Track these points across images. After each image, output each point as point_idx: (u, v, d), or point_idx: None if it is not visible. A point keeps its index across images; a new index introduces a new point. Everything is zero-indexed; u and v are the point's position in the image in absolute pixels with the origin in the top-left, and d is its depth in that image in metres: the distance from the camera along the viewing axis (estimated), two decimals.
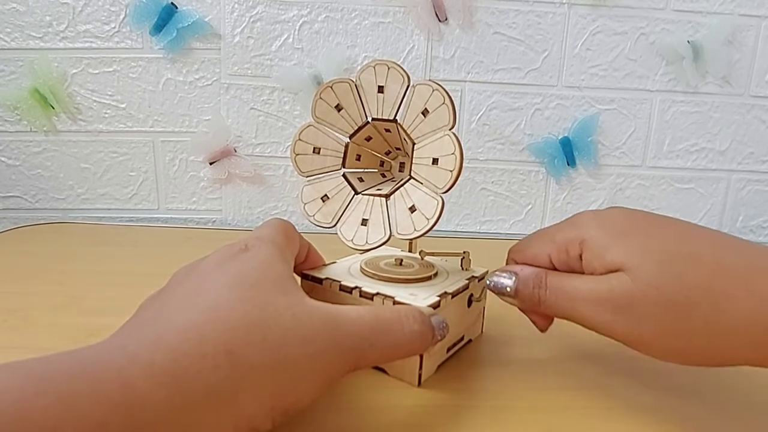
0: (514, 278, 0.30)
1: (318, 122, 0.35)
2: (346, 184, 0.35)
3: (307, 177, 0.35)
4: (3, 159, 0.69)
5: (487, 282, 0.31)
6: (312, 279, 0.33)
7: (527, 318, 0.32)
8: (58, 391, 0.15)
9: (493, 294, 0.32)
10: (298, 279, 0.33)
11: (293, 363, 0.21)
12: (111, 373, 0.17)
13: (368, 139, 0.35)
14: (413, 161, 0.31)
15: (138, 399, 0.16)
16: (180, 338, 0.19)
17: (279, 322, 0.21)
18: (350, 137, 0.35)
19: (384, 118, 0.33)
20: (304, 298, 0.24)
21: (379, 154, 0.36)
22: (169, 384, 0.17)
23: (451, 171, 0.29)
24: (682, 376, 0.32)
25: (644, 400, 0.30)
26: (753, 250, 0.25)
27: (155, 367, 0.18)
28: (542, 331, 0.32)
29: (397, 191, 0.32)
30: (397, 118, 0.32)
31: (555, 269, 0.30)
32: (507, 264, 0.33)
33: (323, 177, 0.35)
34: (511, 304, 0.31)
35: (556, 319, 0.31)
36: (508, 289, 0.30)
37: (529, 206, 0.75)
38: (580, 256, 0.27)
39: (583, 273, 0.28)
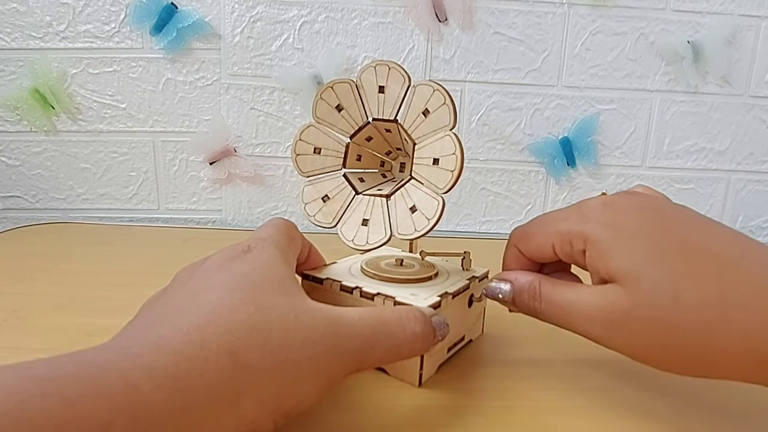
0: (509, 287, 0.30)
1: (319, 122, 0.35)
2: (347, 184, 0.35)
3: (308, 177, 0.35)
4: (3, 159, 0.69)
5: (483, 290, 0.31)
6: (313, 279, 0.33)
7: (528, 318, 0.32)
8: (62, 393, 0.15)
9: None
10: (299, 279, 0.33)
11: (295, 365, 0.21)
12: (114, 375, 0.17)
13: (369, 139, 0.35)
14: (414, 161, 0.31)
15: (141, 401, 0.16)
16: (182, 340, 0.19)
17: (281, 324, 0.21)
18: (351, 137, 0.35)
19: (385, 118, 0.33)
20: (306, 299, 0.24)
21: (380, 154, 0.36)
22: (172, 386, 0.17)
23: (451, 171, 0.29)
24: (682, 377, 0.32)
25: (644, 401, 0.30)
26: (758, 265, 0.24)
27: (158, 369, 0.18)
28: (511, 311, 0.32)
29: (398, 191, 0.32)
30: (397, 118, 0.32)
31: (558, 259, 0.29)
32: (508, 250, 0.32)
33: (324, 177, 0.35)
34: (506, 306, 0.31)
35: None
36: (505, 297, 0.30)
37: (529, 206, 0.75)
38: (584, 252, 0.27)
39: (585, 266, 0.28)
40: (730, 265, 0.24)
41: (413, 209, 0.30)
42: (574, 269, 0.31)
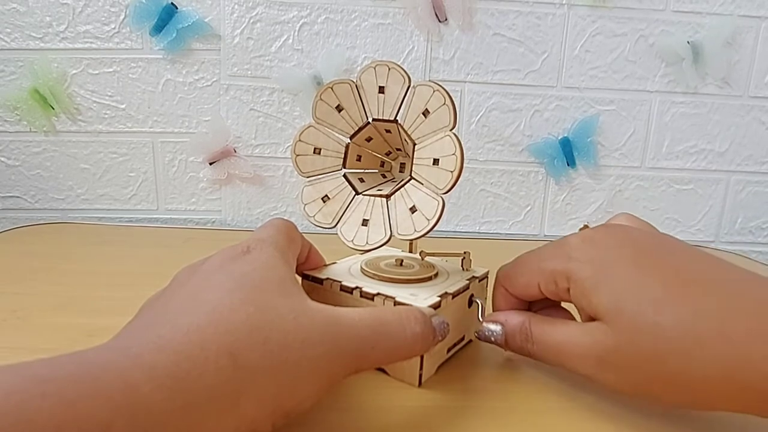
0: (501, 328, 0.31)
1: (318, 123, 0.35)
2: (347, 184, 0.35)
3: (308, 178, 0.35)
4: (3, 159, 0.69)
5: (476, 333, 0.32)
6: (312, 279, 0.33)
7: None
8: (62, 393, 0.15)
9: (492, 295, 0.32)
10: (299, 279, 0.33)
11: (295, 366, 0.21)
12: (114, 376, 0.17)
13: (369, 139, 0.35)
14: (414, 162, 0.31)
15: (141, 401, 0.17)
16: (182, 340, 0.19)
17: (281, 325, 0.21)
18: (351, 138, 0.35)
19: (384, 118, 0.33)
20: (306, 300, 0.24)
21: (380, 154, 0.36)
22: (172, 386, 0.17)
23: (451, 172, 0.29)
24: None
25: (646, 402, 0.30)
26: (734, 288, 0.24)
27: (158, 369, 0.18)
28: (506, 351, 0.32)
29: (398, 192, 0.32)
30: (397, 118, 0.32)
31: (544, 297, 0.30)
32: (495, 290, 0.33)
33: (324, 177, 0.35)
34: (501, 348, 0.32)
35: None
36: (497, 340, 0.31)
37: (529, 207, 0.75)
38: (568, 290, 0.28)
39: (571, 302, 0.28)
40: (705, 288, 0.24)
41: (413, 209, 0.30)
42: (565, 305, 0.32)
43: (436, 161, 0.30)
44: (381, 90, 0.33)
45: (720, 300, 0.23)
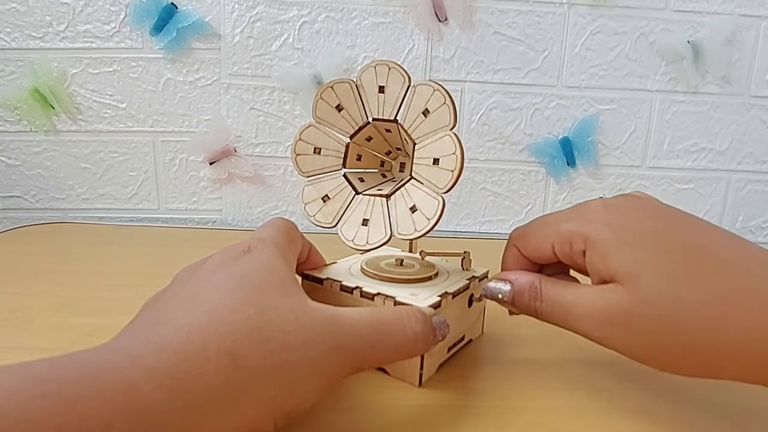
0: (509, 287, 0.30)
1: (319, 122, 0.35)
2: (347, 184, 0.35)
3: (308, 177, 0.35)
4: (3, 159, 0.69)
5: (483, 290, 0.31)
6: (313, 279, 0.33)
7: (528, 318, 0.32)
8: (63, 393, 0.15)
9: None
10: (299, 279, 0.33)
11: (295, 366, 0.21)
12: (115, 376, 0.17)
13: (369, 139, 0.35)
14: (414, 161, 0.31)
15: (141, 401, 0.17)
16: (183, 341, 0.19)
17: (281, 325, 0.21)
18: (351, 137, 0.35)
19: (385, 118, 0.33)
20: (306, 300, 0.24)
21: (380, 154, 0.36)
22: (172, 387, 0.17)
23: (451, 171, 0.29)
24: (684, 378, 0.32)
25: (645, 401, 0.30)
26: (759, 268, 0.24)
27: (158, 369, 0.18)
28: (512, 314, 0.32)
29: (398, 191, 0.32)
30: (397, 118, 0.32)
31: (557, 260, 0.29)
32: (507, 250, 0.32)
33: (324, 177, 0.35)
34: (505, 307, 0.31)
35: None
36: (504, 298, 0.30)
37: (529, 206, 0.75)
38: (584, 252, 0.27)
39: (584, 267, 0.28)
40: (729, 266, 0.24)
41: (413, 209, 0.30)
42: (574, 273, 0.31)
43: (436, 161, 0.30)
44: (381, 89, 0.33)
45: (746, 280, 0.23)
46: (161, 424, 0.17)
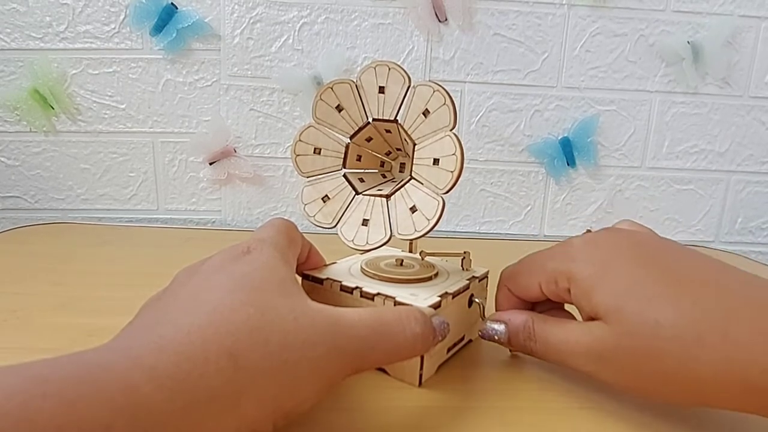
0: (504, 327, 0.31)
1: (318, 123, 0.35)
2: (347, 184, 0.35)
3: (308, 177, 0.35)
4: (3, 159, 0.69)
5: (480, 332, 0.32)
6: (312, 279, 0.33)
7: None
8: (63, 394, 0.15)
9: (491, 295, 0.32)
10: (299, 279, 0.33)
11: (295, 366, 0.21)
12: (115, 376, 0.17)
13: (369, 139, 0.35)
14: (414, 162, 0.31)
15: (141, 402, 0.17)
16: (183, 341, 0.19)
17: (281, 325, 0.21)
18: (351, 138, 0.35)
19: (384, 118, 0.33)
20: (306, 300, 0.24)
21: (380, 154, 0.36)
22: (172, 387, 0.17)
23: (451, 172, 0.29)
24: None
25: (645, 402, 0.30)
26: (735, 289, 0.24)
27: (158, 370, 0.18)
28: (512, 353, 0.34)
29: (398, 192, 0.32)
30: (397, 118, 0.32)
31: (546, 299, 0.30)
32: (499, 290, 0.33)
33: (324, 177, 0.35)
34: (506, 347, 0.32)
35: None
36: (501, 339, 0.31)
37: (529, 207, 0.75)
38: (569, 290, 0.28)
39: (571, 303, 0.29)
40: (705, 287, 0.24)
41: (413, 209, 0.30)
42: (569, 307, 0.32)
43: (436, 161, 0.30)
44: (381, 90, 0.33)
45: (721, 301, 0.23)
46: (161, 425, 0.17)
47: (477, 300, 0.34)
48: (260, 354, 0.20)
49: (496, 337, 0.31)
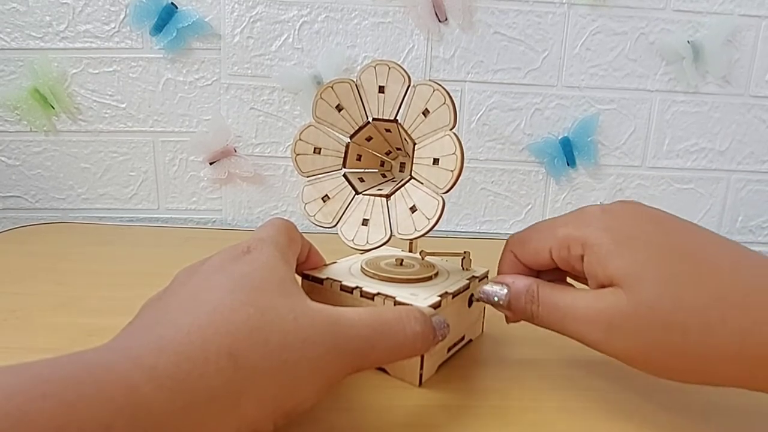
0: (506, 290, 0.29)
1: (318, 122, 0.35)
2: (347, 184, 0.35)
3: (308, 177, 0.35)
4: (3, 159, 0.69)
5: (479, 293, 0.31)
6: (313, 279, 0.33)
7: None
8: (63, 395, 0.15)
9: None
10: (299, 279, 0.33)
11: (295, 366, 0.21)
12: (115, 376, 0.17)
13: (369, 139, 0.35)
14: (414, 161, 0.31)
15: (141, 402, 0.17)
16: (183, 341, 0.19)
17: (281, 325, 0.21)
18: (351, 137, 0.35)
19: (385, 118, 0.33)
20: (306, 300, 0.24)
21: (380, 154, 0.36)
22: (172, 387, 0.17)
23: (451, 171, 0.29)
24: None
25: (644, 401, 0.30)
26: (755, 269, 0.24)
27: (158, 370, 0.18)
28: (509, 322, 0.31)
29: (398, 191, 0.32)
30: (397, 118, 0.32)
31: (555, 266, 0.29)
32: (504, 255, 0.32)
33: (324, 177, 0.35)
34: (502, 313, 0.31)
35: None
36: (500, 301, 0.30)
37: (529, 206, 0.75)
38: (581, 257, 0.27)
39: (582, 273, 0.28)
40: (725, 270, 0.24)
41: (413, 209, 0.30)
42: (571, 281, 0.31)
43: (436, 161, 0.30)
44: (381, 89, 0.33)
45: (741, 281, 0.23)
46: (161, 425, 0.17)
47: (477, 299, 0.34)
48: (260, 354, 0.20)
49: (495, 299, 0.30)
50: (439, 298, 0.29)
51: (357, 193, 0.34)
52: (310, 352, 0.21)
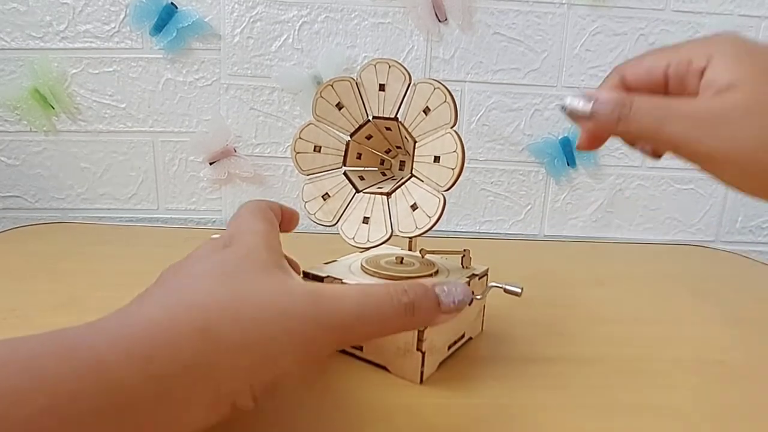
0: (592, 101, 0.26)
1: (319, 121, 0.35)
2: (347, 182, 0.35)
3: (308, 175, 0.35)
4: (3, 159, 0.69)
5: (560, 105, 0.27)
6: (313, 277, 0.33)
7: (527, 316, 0.32)
8: (29, 363, 0.17)
9: (492, 292, 0.31)
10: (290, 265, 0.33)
11: (272, 339, 0.21)
12: (83, 346, 0.18)
13: (369, 137, 0.35)
14: (414, 159, 0.31)
15: (109, 371, 0.17)
16: (154, 319, 0.20)
17: (256, 300, 0.22)
18: (351, 135, 0.35)
19: (385, 116, 0.33)
20: (289, 279, 0.24)
21: (380, 152, 0.36)
22: (144, 358, 0.18)
23: (452, 169, 0.29)
24: (681, 376, 0.32)
25: (643, 398, 0.30)
26: None
27: (130, 343, 0.18)
28: (581, 149, 0.29)
29: (399, 189, 0.32)
30: (398, 116, 0.32)
31: (666, 84, 0.27)
32: (607, 78, 0.29)
33: (324, 175, 0.35)
34: (583, 127, 0.28)
35: (553, 317, 0.30)
36: (584, 110, 0.27)
37: (529, 206, 0.75)
38: (701, 72, 0.25)
39: (695, 93, 0.26)
40: None
41: (414, 207, 0.30)
42: None
43: (436, 159, 0.30)
44: (381, 87, 0.33)
45: None
46: (130, 391, 0.18)
47: (477, 297, 0.34)
48: (231, 327, 0.20)
49: (579, 106, 0.26)
50: None
51: (357, 191, 0.34)
52: (288, 324, 0.21)
